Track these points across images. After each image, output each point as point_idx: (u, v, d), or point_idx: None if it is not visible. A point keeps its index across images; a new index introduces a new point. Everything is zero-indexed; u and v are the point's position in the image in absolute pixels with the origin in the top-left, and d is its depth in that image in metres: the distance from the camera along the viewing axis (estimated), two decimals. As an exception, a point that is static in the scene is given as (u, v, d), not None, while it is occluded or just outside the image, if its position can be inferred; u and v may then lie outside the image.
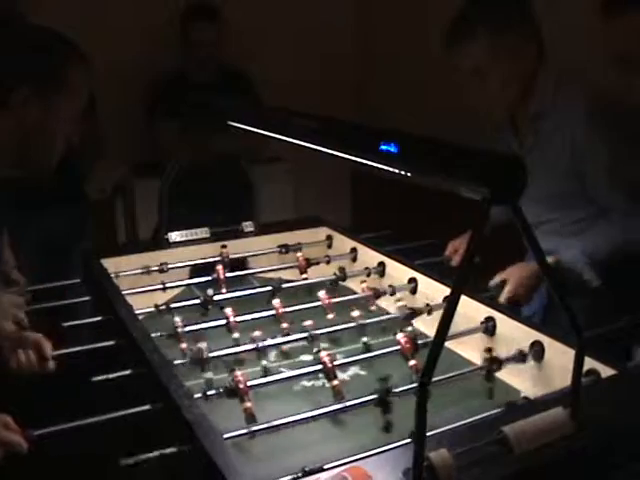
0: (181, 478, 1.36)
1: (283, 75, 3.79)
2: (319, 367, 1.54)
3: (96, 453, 1.25)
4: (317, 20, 4.04)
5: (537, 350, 1.63)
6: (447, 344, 1.80)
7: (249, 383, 1.44)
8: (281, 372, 1.63)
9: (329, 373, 1.53)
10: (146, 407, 1.43)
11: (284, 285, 2.07)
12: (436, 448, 1.12)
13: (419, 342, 1.62)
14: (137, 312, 1.86)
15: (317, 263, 2.32)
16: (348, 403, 1.43)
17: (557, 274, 1.85)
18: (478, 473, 1.13)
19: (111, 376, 1.53)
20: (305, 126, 1.49)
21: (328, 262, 2.34)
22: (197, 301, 1.96)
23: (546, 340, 1.62)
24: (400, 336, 1.64)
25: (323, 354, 1.54)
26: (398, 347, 1.63)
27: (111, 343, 1.75)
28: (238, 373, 1.45)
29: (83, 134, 1.60)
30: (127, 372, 1.56)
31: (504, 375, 1.66)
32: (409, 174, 1.26)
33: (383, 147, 1.27)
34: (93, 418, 1.36)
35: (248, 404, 1.41)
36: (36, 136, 1.39)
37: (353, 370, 1.73)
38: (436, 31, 1.92)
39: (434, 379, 1.43)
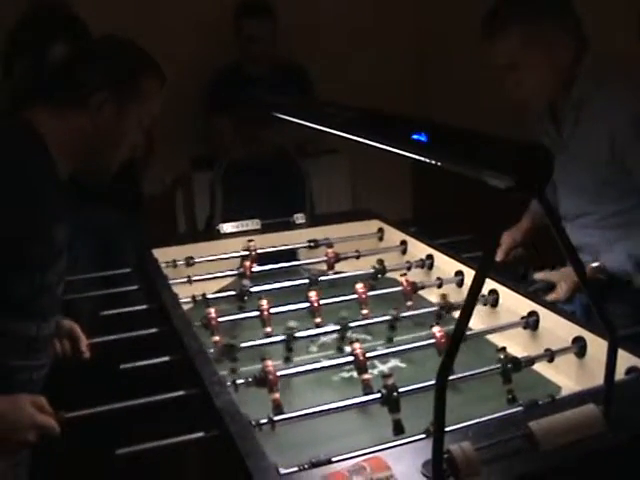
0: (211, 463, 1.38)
1: (339, 71, 3.79)
2: (351, 359, 1.54)
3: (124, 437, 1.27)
4: (374, 17, 4.02)
5: (580, 346, 1.59)
6: (491, 337, 1.79)
7: (279, 373, 1.45)
8: (319, 362, 1.63)
9: (360, 366, 1.52)
10: (180, 392, 1.46)
11: (321, 277, 2.08)
12: (461, 441, 1.11)
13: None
14: (183, 301, 1.90)
15: (346, 258, 2.31)
16: (352, 401, 1.41)
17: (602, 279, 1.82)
18: (502, 468, 1.12)
19: (140, 364, 1.57)
20: (340, 116, 1.49)
21: (358, 257, 2.32)
22: (233, 292, 1.98)
23: (589, 336, 1.58)
24: (436, 330, 1.62)
25: (356, 346, 1.54)
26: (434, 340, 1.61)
27: (154, 330, 1.79)
28: (269, 363, 1.45)
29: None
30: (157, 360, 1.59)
31: (546, 370, 1.64)
32: (439, 163, 1.24)
33: (414, 136, 1.26)
34: (125, 403, 1.40)
35: (276, 395, 1.42)
36: (104, 140, 1.44)
37: (393, 362, 1.73)
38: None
39: (459, 375, 1.44)
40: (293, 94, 3.13)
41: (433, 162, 1.25)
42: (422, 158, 1.27)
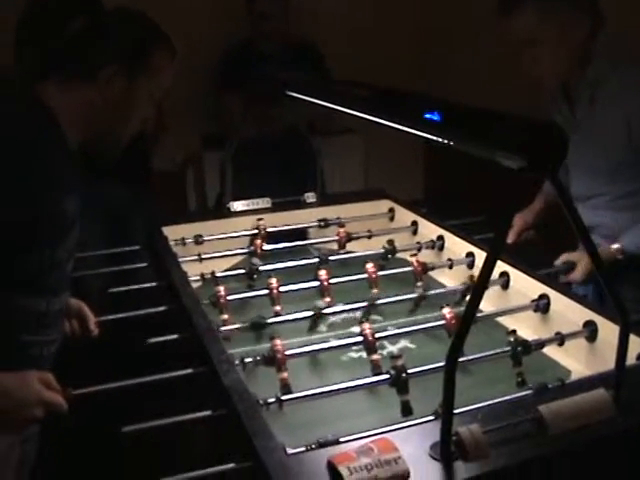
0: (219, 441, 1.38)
1: (352, 50, 3.76)
2: (360, 339, 1.53)
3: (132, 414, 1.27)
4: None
5: (591, 330, 1.57)
6: (501, 319, 1.78)
7: (287, 352, 1.44)
8: (328, 342, 1.63)
9: (370, 346, 1.51)
10: (189, 370, 1.46)
11: (331, 257, 2.07)
12: (469, 424, 1.10)
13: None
14: (192, 279, 1.90)
15: (357, 238, 2.30)
16: (360, 382, 1.40)
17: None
18: (511, 451, 1.11)
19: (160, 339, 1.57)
20: (351, 94, 1.47)
21: (369, 237, 2.31)
22: (242, 271, 1.98)
23: (600, 320, 1.56)
24: (446, 311, 1.61)
25: (365, 326, 1.53)
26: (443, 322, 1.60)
27: (163, 308, 1.79)
28: (277, 342, 1.45)
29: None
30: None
31: (556, 354, 1.62)
32: (451, 143, 1.23)
33: (427, 115, 1.24)
34: (133, 380, 1.39)
35: (284, 374, 1.41)
36: (114, 114, 1.43)
37: (403, 343, 1.72)
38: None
39: (469, 357, 1.43)
40: (305, 72, 3.10)
41: (445, 142, 1.24)
42: (434, 137, 1.25)
